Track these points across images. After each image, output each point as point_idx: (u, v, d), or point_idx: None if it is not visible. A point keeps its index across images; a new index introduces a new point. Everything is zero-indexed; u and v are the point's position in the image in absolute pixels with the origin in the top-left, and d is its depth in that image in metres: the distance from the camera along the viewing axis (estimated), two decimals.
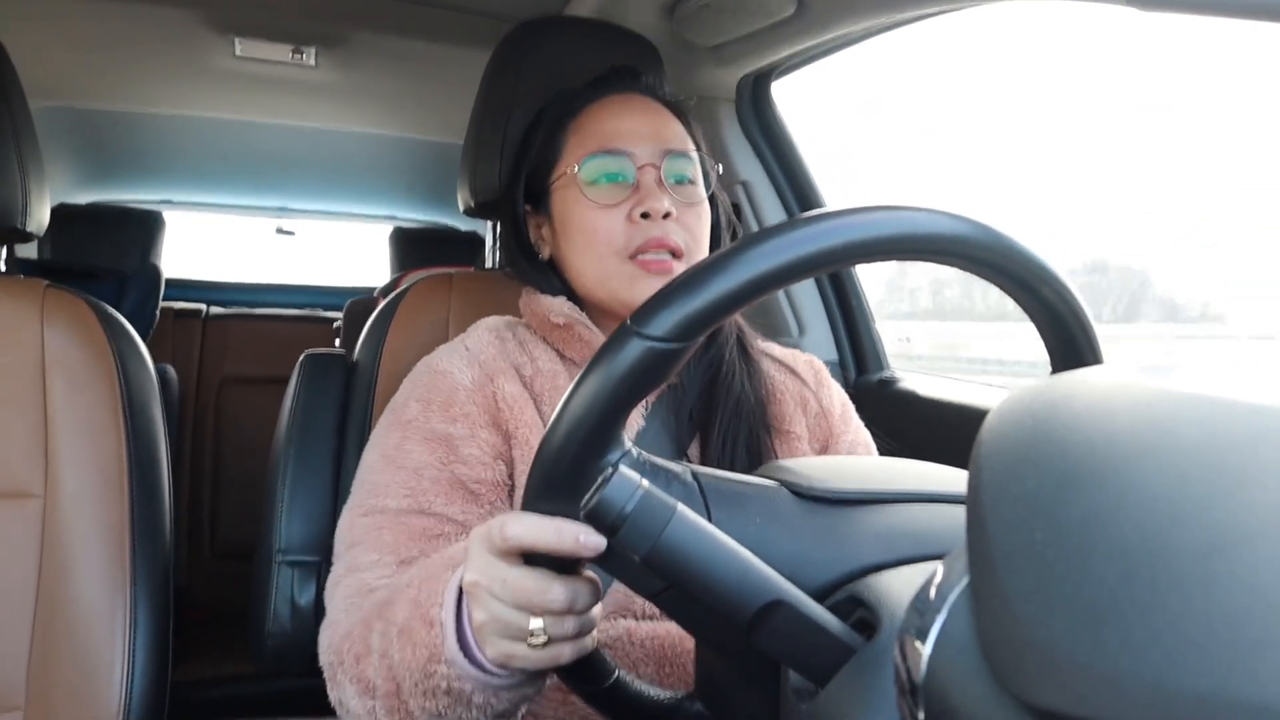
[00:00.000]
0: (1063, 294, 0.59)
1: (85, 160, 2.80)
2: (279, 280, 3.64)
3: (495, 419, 0.94)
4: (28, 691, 1.05)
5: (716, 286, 0.51)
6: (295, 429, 1.21)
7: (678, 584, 0.50)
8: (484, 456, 0.91)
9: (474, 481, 0.90)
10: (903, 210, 0.54)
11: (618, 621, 0.87)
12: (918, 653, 0.38)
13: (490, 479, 0.91)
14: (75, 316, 1.14)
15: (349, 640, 0.77)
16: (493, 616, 0.60)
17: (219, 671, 2.28)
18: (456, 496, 0.89)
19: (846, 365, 1.68)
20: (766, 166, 1.68)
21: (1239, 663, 0.25)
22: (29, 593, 1.06)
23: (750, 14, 1.36)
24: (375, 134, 2.59)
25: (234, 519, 2.80)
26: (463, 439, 0.91)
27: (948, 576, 0.39)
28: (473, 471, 0.90)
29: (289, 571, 1.16)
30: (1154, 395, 0.35)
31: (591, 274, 0.97)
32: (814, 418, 1.05)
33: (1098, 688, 0.28)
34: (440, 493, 0.88)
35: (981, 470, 0.37)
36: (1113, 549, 0.30)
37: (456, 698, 0.66)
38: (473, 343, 1.00)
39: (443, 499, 0.88)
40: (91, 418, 1.11)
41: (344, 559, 0.89)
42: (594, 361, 0.54)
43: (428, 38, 1.85)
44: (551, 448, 0.56)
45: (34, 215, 1.17)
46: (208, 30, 1.84)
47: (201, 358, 2.94)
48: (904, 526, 0.57)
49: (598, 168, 0.97)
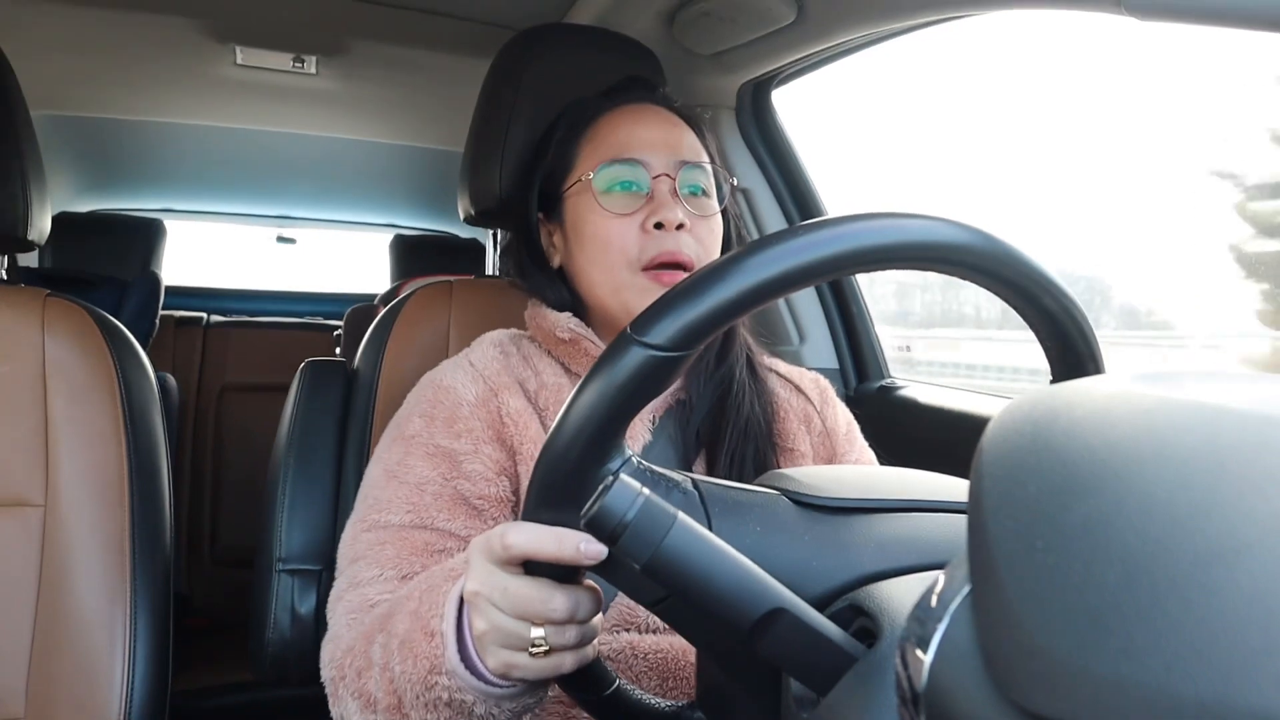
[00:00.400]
0: (1064, 303, 0.59)
1: (86, 169, 2.81)
2: (279, 288, 3.65)
3: (499, 434, 0.93)
4: (28, 699, 1.05)
5: (716, 295, 0.51)
6: (295, 437, 1.21)
7: (678, 592, 0.50)
8: (487, 472, 0.91)
9: (477, 497, 0.90)
10: (903, 218, 0.54)
11: (621, 634, 0.87)
12: (919, 661, 0.38)
13: (493, 494, 0.90)
14: (76, 325, 1.14)
15: (350, 655, 0.77)
16: (494, 626, 0.60)
17: (219, 680, 2.27)
18: (459, 512, 0.89)
19: (847, 373, 1.68)
20: (766, 174, 1.69)
21: (1240, 670, 0.25)
22: (29, 601, 1.06)
23: (750, 22, 1.37)
24: (376, 142, 2.60)
25: (234, 527, 2.80)
26: (466, 455, 0.91)
27: (949, 585, 0.39)
28: (476, 487, 0.90)
29: (289, 580, 1.16)
30: (1155, 403, 0.35)
31: (604, 284, 0.97)
32: (818, 436, 1.05)
33: (1099, 695, 0.28)
34: (443, 508, 0.88)
35: (983, 478, 0.37)
36: (1114, 556, 0.30)
37: (458, 709, 0.66)
38: (477, 358, 1.00)
39: (445, 514, 0.88)
40: (92, 426, 1.11)
41: (346, 574, 0.88)
42: (594, 370, 0.54)
43: (428, 46, 1.86)
44: (552, 456, 0.56)
45: (35, 224, 1.18)
46: (209, 39, 1.84)
47: (202, 366, 2.94)
48: (904, 535, 0.57)
49: (612, 176, 0.97)
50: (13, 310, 1.12)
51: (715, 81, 1.59)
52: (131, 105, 2.30)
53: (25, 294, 1.15)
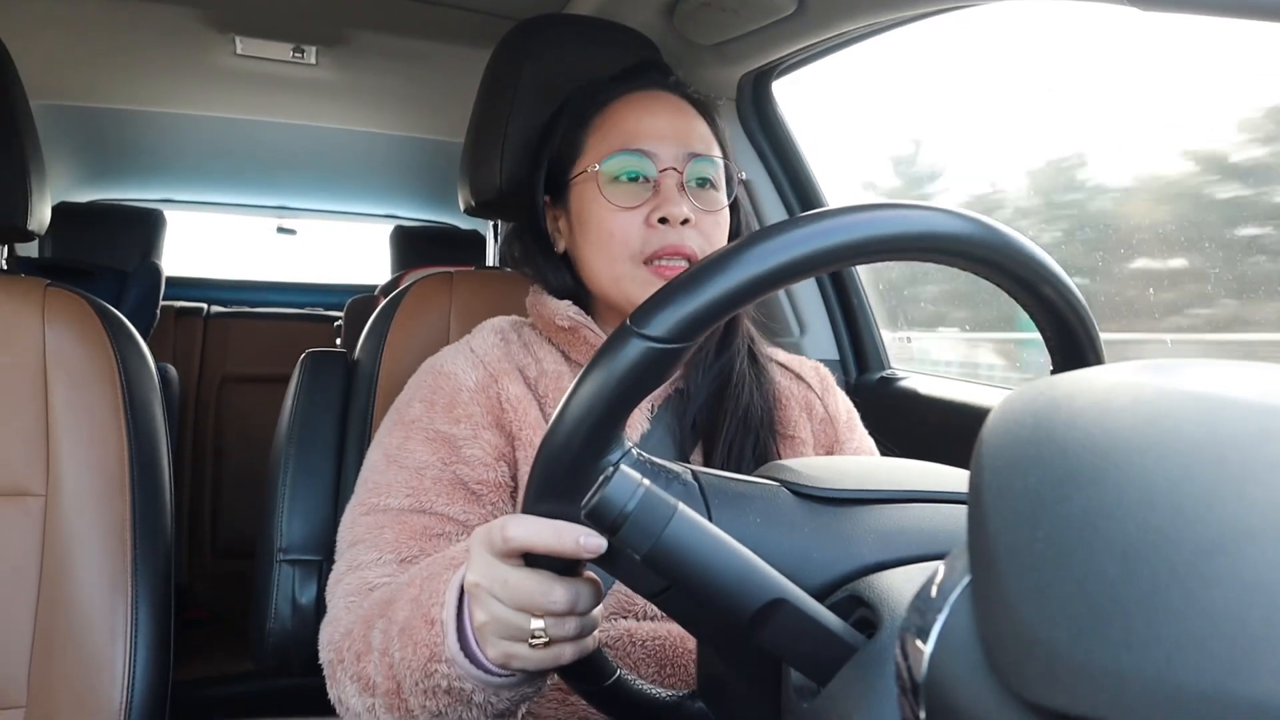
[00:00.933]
0: (1064, 293, 0.59)
1: (86, 159, 2.81)
2: (280, 279, 3.65)
3: (499, 420, 0.94)
4: (29, 690, 1.05)
5: (715, 287, 0.51)
6: (296, 428, 1.21)
7: (679, 582, 0.50)
8: (486, 458, 0.91)
9: (476, 482, 0.90)
10: (903, 209, 0.53)
11: (619, 622, 0.87)
12: (919, 651, 0.38)
13: (492, 480, 0.91)
14: (76, 316, 1.14)
15: (349, 638, 0.77)
16: (494, 617, 0.60)
17: (220, 670, 2.28)
18: (458, 497, 0.89)
19: (847, 364, 1.68)
20: (767, 165, 1.68)
21: (1241, 660, 0.25)
22: (30, 592, 1.06)
23: (751, 12, 1.36)
24: (376, 133, 2.60)
25: (235, 518, 2.81)
26: (465, 440, 0.91)
27: (949, 575, 0.39)
28: (475, 472, 0.90)
29: (290, 570, 1.16)
30: (1155, 393, 0.35)
31: (606, 274, 0.97)
32: (819, 423, 1.05)
33: (1099, 685, 0.28)
34: (442, 493, 0.89)
35: (983, 468, 0.37)
36: (1114, 547, 0.30)
37: (457, 696, 0.66)
38: (477, 344, 1.00)
39: (444, 499, 0.88)
40: (93, 417, 1.11)
41: (345, 556, 0.89)
42: (594, 362, 0.54)
43: (428, 36, 1.85)
44: (552, 448, 0.56)
45: (35, 214, 1.17)
46: (209, 29, 1.84)
47: (202, 356, 2.94)
48: (905, 526, 0.57)
49: (619, 166, 0.96)
50: (13, 301, 1.12)
51: (716, 72, 1.59)
52: (131, 95, 2.29)
53: (25, 284, 1.15)
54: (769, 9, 1.33)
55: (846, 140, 1.93)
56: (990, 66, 1.56)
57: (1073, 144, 1.49)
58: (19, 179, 1.14)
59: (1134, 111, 1.37)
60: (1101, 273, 1.47)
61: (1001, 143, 1.67)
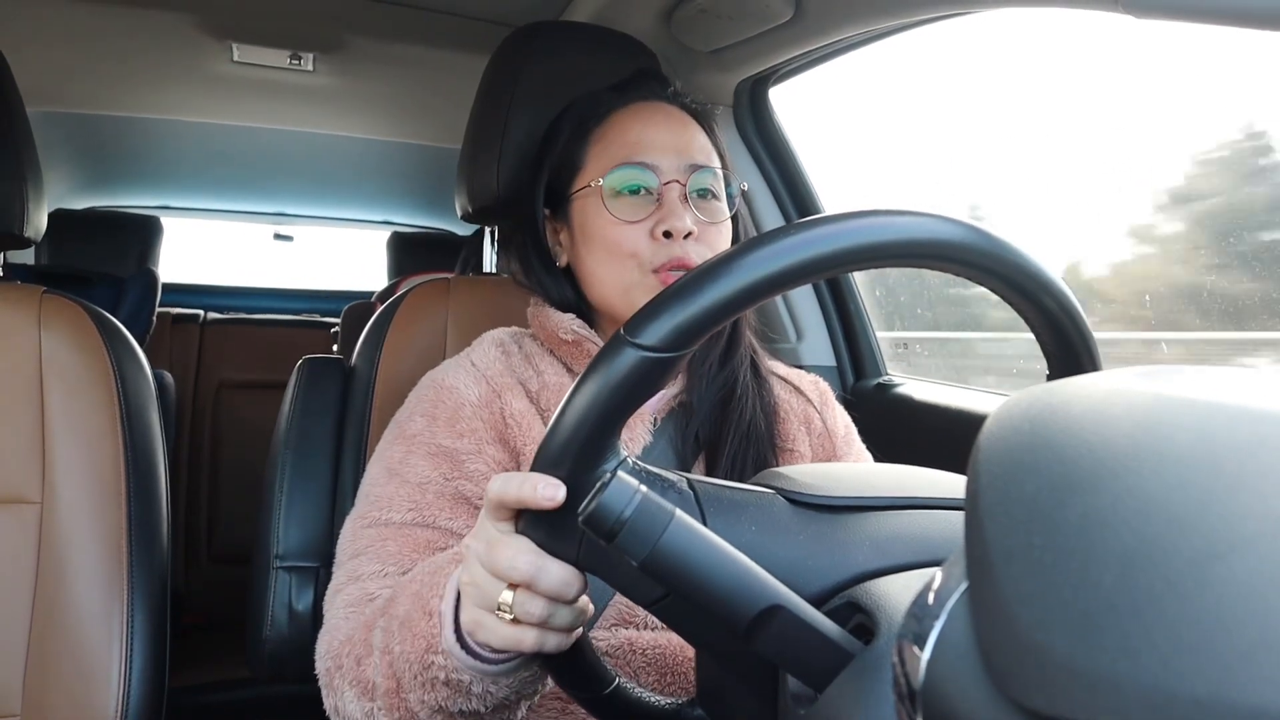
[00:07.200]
0: (1060, 300, 0.59)
1: (83, 165, 2.80)
2: (276, 285, 3.64)
3: (502, 435, 0.94)
4: (25, 697, 1.05)
5: (709, 295, 0.51)
6: (293, 434, 1.21)
7: (676, 589, 0.50)
8: (489, 472, 0.91)
9: (478, 498, 0.90)
10: (899, 216, 0.53)
11: (619, 631, 0.87)
12: (916, 658, 0.38)
13: None
14: (72, 322, 1.14)
15: (349, 644, 0.77)
16: (472, 580, 0.60)
17: (216, 677, 2.28)
18: (461, 511, 0.89)
19: (844, 370, 1.68)
20: (764, 172, 1.69)
21: (1236, 667, 0.25)
22: (26, 598, 1.06)
23: (748, 19, 1.37)
24: (373, 139, 2.60)
25: (231, 525, 2.80)
26: (469, 455, 0.91)
27: (946, 582, 0.39)
28: (477, 488, 0.90)
29: (286, 577, 1.16)
30: (1151, 400, 0.35)
31: (613, 284, 0.96)
32: (818, 437, 1.05)
33: (1095, 692, 0.28)
34: (444, 507, 0.88)
35: (980, 475, 0.37)
36: (1110, 553, 0.30)
37: (455, 688, 0.66)
38: (479, 358, 1.00)
39: (447, 513, 0.88)
40: (89, 424, 1.11)
41: (346, 567, 0.88)
42: (588, 371, 0.54)
43: (425, 43, 1.85)
44: (548, 456, 0.56)
45: (32, 221, 1.17)
46: (206, 36, 1.84)
47: (199, 363, 2.94)
48: (901, 533, 0.57)
49: (621, 180, 0.96)
50: (9, 307, 1.12)
51: (713, 79, 1.59)
52: (128, 102, 2.29)
53: (21, 291, 1.15)
54: (766, 15, 1.33)
55: (844, 146, 1.93)
56: (990, 68, 1.57)
57: (1075, 148, 1.50)
58: (15, 186, 1.14)
59: (1133, 113, 1.38)
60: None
61: (1000, 147, 1.68)
